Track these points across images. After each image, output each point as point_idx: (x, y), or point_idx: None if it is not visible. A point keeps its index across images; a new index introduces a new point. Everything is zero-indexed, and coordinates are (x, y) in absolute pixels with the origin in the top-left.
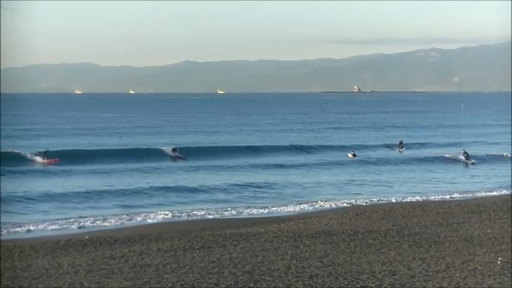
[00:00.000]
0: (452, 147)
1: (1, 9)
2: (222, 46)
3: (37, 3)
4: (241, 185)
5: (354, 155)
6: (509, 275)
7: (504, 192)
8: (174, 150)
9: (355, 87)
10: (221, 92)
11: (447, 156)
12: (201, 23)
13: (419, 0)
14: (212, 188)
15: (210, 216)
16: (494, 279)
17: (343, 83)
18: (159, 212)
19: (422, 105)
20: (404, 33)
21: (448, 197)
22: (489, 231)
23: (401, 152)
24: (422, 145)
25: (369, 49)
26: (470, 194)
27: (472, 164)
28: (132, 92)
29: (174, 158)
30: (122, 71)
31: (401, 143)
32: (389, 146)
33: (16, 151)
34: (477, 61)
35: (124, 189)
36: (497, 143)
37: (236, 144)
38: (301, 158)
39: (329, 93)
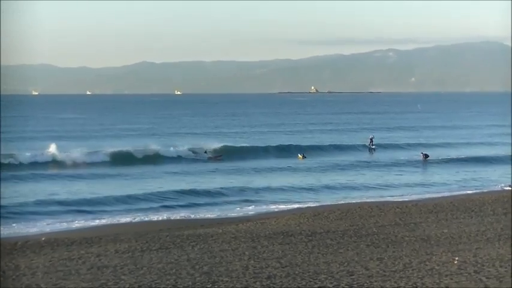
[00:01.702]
0: (412, 148)
1: None
2: (179, 47)
3: None
4: (200, 188)
5: (304, 157)
6: (466, 274)
7: (461, 192)
8: (205, 152)
9: (313, 87)
10: (178, 92)
11: (405, 158)
12: (158, 23)
13: (376, 0)
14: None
15: (168, 217)
16: (451, 279)
17: (301, 83)
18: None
19: (380, 106)
20: (362, 34)
21: (405, 197)
22: (446, 231)
23: (372, 150)
24: (381, 146)
25: (327, 50)
26: (428, 194)
27: (426, 159)
28: (89, 92)
29: (211, 159)
30: (79, 72)
31: (371, 140)
32: (359, 145)
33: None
34: (434, 62)
35: (87, 196)
36: (451, 144)
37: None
38: (258, 161)
39: (287, 94)
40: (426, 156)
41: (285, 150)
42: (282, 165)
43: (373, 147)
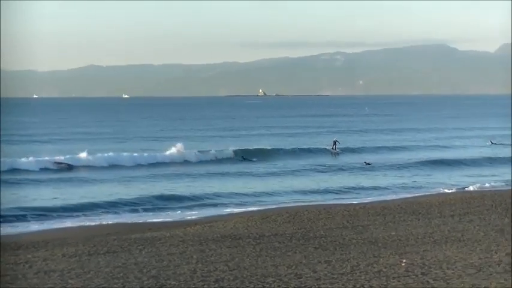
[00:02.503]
0: (361, 151)
1: None
2: (127, 50)
3: None
4: (150, 194)
5: (244, 158)
6: (414, 276)
7: (408, 195)
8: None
9: (260, 90)
10: (126, 96)
11: (352, 161)
12: (106, 26)
13: (322, 1)
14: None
15: (116, 221)
16: (399, 281)
17: (249, 86)
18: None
19: (328, 109)
20: (310, 36)
21: (353, 200)
22: (393, 233)
23: (335, 152)
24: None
25: (274, 53)
26: (375, 197)
27: (369, 164)
28: (35, 96)
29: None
30: (25, 75)
31: (335, 142)
32: (315, 148)
33: None
34: (382, 64)
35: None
36: (398, 147)
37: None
38: (207, 165)
39: (235, 97)
40: (368, 164)
41: (238, 154)
42: (234, 169)
43: (337, 151)
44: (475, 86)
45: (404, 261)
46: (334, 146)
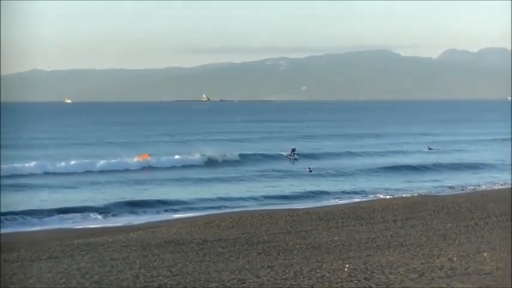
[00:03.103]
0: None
1: None
2: (70, 55)
3: None
4: (96, 200)
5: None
6: (357, 281)
7: (351, 200)
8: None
9: (204, 96)
10: (68, 101)
11: (294, 168)
12: (48, 30)
13: (268, 2)
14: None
15: (59, 226)
16: (342, 286)
17: (193, 91)
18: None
19: (272, 114)
20: (254, 42)
21: (296, 205)
22: (337, 238)
23: (293, 159)
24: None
25: (218, 58)
26: (318, 203)
27: (311, 172)
28: None
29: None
30: None
31: (293, 150)
32: (281, 154)
33: None
34: (326, 70)
35: None
36: (340, 154)
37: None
38: (154, 171)
39: (178, 102)
40: (310, 171)
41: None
42: (182, 175)
43: (295, 157)
44: (418, 92)
45: (347, 266)
46: (292, 153)
